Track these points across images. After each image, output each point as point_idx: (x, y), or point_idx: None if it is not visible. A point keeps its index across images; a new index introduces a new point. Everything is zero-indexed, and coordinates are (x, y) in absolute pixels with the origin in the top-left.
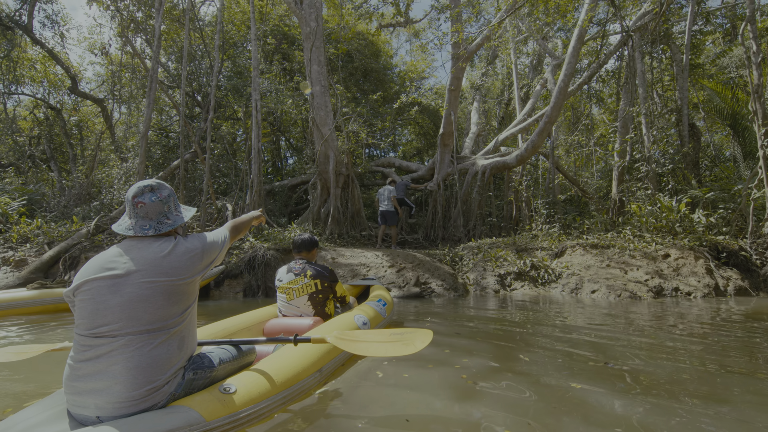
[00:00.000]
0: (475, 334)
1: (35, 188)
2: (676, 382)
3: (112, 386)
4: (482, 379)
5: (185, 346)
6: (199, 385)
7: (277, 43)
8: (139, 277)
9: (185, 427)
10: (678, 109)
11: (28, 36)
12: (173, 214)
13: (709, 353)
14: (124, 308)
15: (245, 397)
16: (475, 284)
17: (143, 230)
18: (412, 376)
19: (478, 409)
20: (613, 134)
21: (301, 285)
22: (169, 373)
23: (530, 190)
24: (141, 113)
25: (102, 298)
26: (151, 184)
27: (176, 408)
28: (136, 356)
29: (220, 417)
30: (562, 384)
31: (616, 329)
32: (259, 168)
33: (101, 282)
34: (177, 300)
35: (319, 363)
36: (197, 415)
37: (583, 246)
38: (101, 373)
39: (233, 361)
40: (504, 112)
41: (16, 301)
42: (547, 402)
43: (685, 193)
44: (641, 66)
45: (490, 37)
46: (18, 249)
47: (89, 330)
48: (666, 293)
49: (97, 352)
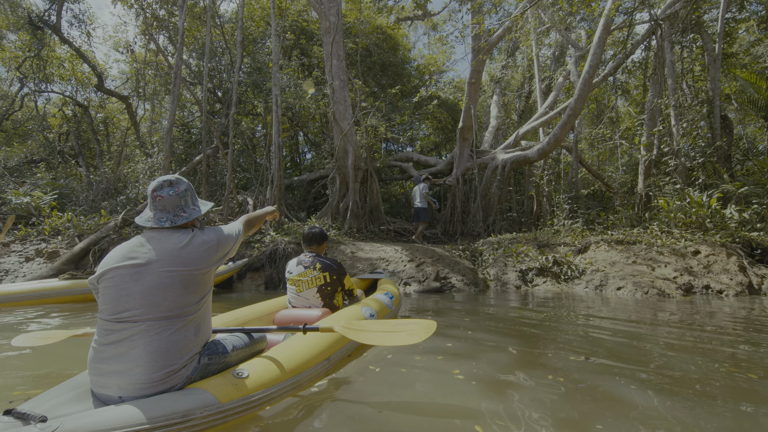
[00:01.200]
0: (499, 329)
1: (65, 183)
2: (706, 381)
3: (133, 369)
4: (494, 374)
5: (201, 332)
6: (213, 370)
7: (295, 38)
8: (159, 266)
9: (201, 407)
10: (709, 100)
11: (57, 35)
12: (190, 207)
13: (740, 352)
14: (145, 295)
15: (257, 381)
16: (495, 279)
17: (160, 222)
18: (420, 365)
19: (483, 402)
20: (639, 127)
21: (311, 277)
22: (185, 358)
23: (551, 184)
24: (164, 110)
25: (124, 286)
26: (170, 179)
27: (193, 390)
28: (156, 341)
29: (234, 399)
30: (587, 381)
31: (644, 326)
32: (280, 163)
33: (124, 270)
34: (193, 289)
35: (327, 352)
36: (212, 397)
37: (607, 242)
38: (123, 356)
39: (245, 348)
40: (524, 106)
41: (49, 291)
42: (571, 399)
43: (717, 187)
44: (671, 56)
45: (511, 29)
46: (50, 241)
47: (112, 315)
48: (696, 291)
49: (119, 336)
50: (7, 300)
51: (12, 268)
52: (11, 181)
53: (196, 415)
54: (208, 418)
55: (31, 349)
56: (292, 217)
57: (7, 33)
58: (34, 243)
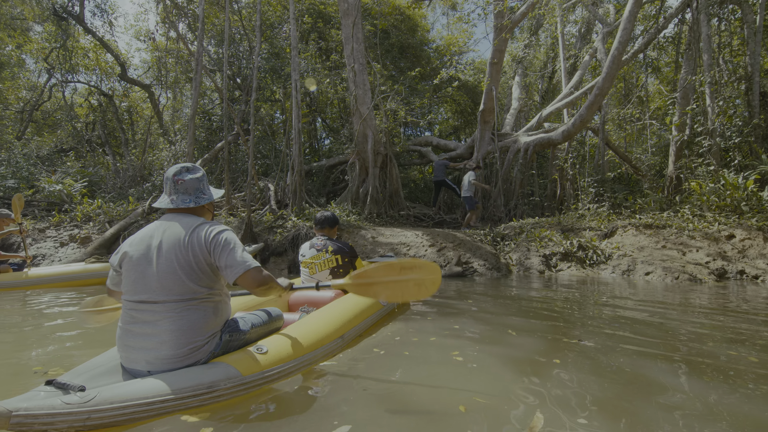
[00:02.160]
0: (530, 312)
1: (94, 171)
2: (735, 367)
3: (159, 346)
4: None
5: (220, 312)
6: (234, 346)
7: (312, 22)
8: (167, 253)
9: (225, 380)
10: (748, 76)
11: (81, 25)
12: (208, 191)
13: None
14: (159, 279)
15: (276, 357)
16: (518, 264)
17: (185, 203)
18: (425, 343)
19: (473, 383)
20: (671, 106)
21: (323, 260)
22: (207, 335)
23: (575, 167)
24: (185, 98)
25: (141, 269)
26: (187, 166)
27: (217, 364)
28: (177, 321)
29: (255, 373)
30: (622, 366)
31: (676, 311)
32: (300, 149)
33: (141, 254)
34: (196, 278)
35: (341, 330)
36: (235, 370)
37: (635, 226)
38: (149, 335)
39: (264, 325)
40: (547, 86)
41: (78, 274)
42: (605, 386)
43: (754, 168)
44: (707, 29)
45: (535, 5)
46: (82, 227)
47: (133, 297)
48: (729, 276)
49: (143, 317)
50: (38, 282)
51: (48, 252)
52: (43, 169)
53: (220, 387)
54: (232, 389)
55: (57, 327)
56: (312, 203)
57: (33, 25)
58: (68, 229)
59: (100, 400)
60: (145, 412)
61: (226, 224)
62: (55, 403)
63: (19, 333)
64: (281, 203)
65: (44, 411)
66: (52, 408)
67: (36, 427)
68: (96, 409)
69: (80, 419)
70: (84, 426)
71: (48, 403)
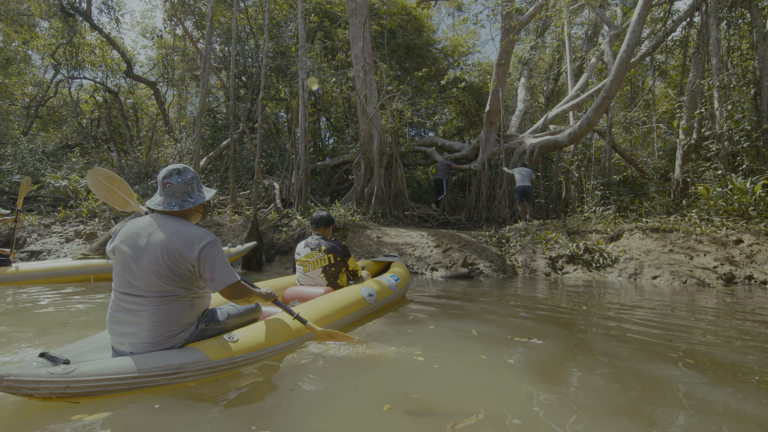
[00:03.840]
0: (539, 317)
1: (100, 167)
2: (741, 371)
3: (140, 332)
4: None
5: (196, 306)
6: (210, 334)
7: (319, 21)
8: (152, 252)
9: (193, 363)
10: (757, 81)
11: (87, 21)
12: (195, 194)
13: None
14: (143, 274)
15: (245, 345)
16: (523, 266)
17: (170, 206)
18: (391, 341)
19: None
20: (678, 110)
21: (316, 258)
22: (182, 325)
23: (581, 170)
24: (190, 95)
25: (127, 263)
26: (178, 168)
27: (188, 349)
28: (156, 314)
29: (222, 358)
30: (635, 369)
31: (687, 316)
32: (306, 147)
33: (129, 249)
34: (172, 281)
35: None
36: (204, 355)
37: (642, 229)
38: (131, 323)
39: (240, 316)
40: (552, 88)
41: (63, 270)
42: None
43: (762, 173)
44: (716, 33)
45: (543, 7)
46: (88, 223)
47: (120, 289)
48: (738, 281)
49: (128, 307)
50: (24, 278)
51: (54, 248)
52: (49, 165)
53: (188, 369)
54: (198, 371)
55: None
56: (316, 202)
57: (40, 21)
58: (73, 225)
59: (79, 372)
60: (118, 386)
61: (231, 222)
62: (41, 372)
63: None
64: (286, 202)
65: (30, 378)
66: (37, 376)
67: (23, 390)
68: (75, 380)
69: (60, 387)
70: (63, 393)
71: (35, 372)
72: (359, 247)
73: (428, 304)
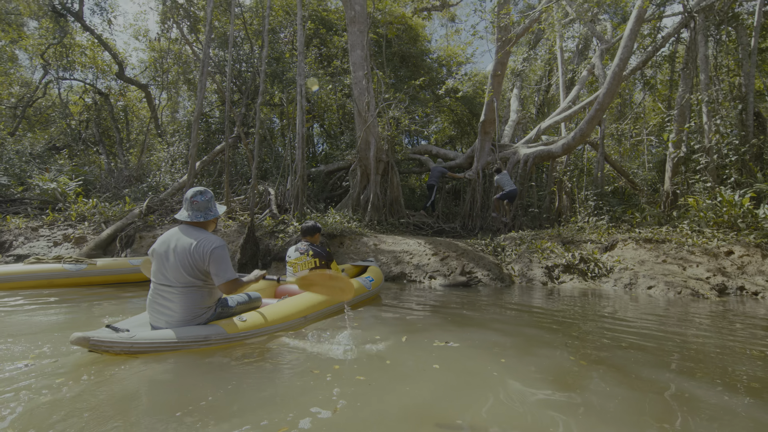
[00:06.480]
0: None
1: (89, 170)
2: (733, 378)
3: (173, 314)
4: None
5: (213, 294)
6: (225, 315)
7: (315, 28)
8: (178, 254)
9: (215, 335)
10: (743, 96)
11: (79, 22)
12: (214, 209)
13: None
14: (172, 270)
15: (251, 324)
16: (520, 275)
17: (197, 218)
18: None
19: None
20: (667, 123)
21: (304, 261)
22: (204, 308)
23: (573, 180)
24: (181, 99)
25: (161, 261)
26: (200, 190)
27: (211, 325)
28: (184, 300)
29: (236, 332)
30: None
31: (691, 328)
32: (303, 153)
33: (162, 252)
34: (194, 274)
35: (305, 311)
36: (223, 330)
37: (635, 240)
38: (166, 307)
39: (246, 303)
40: (543, 100)
41: (11, 275)
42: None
43: (750, 186)
44: (704, 50)
45: (537, 20)
46: (77, 227)
47: (156, 281)
48: (730, 292)
49: (163, 295)
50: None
51: (41, 252)
52: (36, 167)
53: (212, 338)
54: (219, 340)
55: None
56: (312, 208)
57: (28, 20)
58: (62, 228)
59: (139, 337)
60: (165, 348)
61: (225, 227)
62: (113, 336)
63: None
64: (281, 208)
65: (107, 339)
66: (111, 338)
67: (102, 348)
68: (137, 342)
69: (126, 346)
70: (129, 351)
71: (109, 335)
72: (356, 254)
73: (430, 305)
